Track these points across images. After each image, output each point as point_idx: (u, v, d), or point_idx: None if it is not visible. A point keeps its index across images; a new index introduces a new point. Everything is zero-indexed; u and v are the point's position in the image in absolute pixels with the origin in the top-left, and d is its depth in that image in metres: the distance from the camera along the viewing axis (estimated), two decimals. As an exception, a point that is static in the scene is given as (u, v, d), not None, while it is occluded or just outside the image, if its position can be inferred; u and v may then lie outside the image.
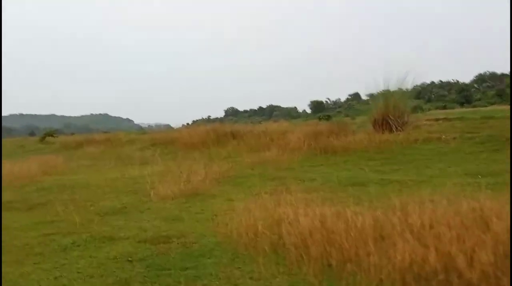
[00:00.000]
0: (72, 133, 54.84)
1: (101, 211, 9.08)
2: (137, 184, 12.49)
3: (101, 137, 26.68)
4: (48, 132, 34.32)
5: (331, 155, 15.43)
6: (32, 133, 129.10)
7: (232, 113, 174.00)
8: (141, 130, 47.15)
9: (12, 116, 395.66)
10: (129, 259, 5.76)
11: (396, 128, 17.85)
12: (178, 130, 26.27)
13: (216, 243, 6.13)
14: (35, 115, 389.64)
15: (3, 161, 16.27)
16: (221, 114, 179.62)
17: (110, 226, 7.72)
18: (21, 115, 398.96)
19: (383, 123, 18.19)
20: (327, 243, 5.06)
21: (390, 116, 18.15)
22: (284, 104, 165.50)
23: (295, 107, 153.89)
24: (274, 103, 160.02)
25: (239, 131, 20.20)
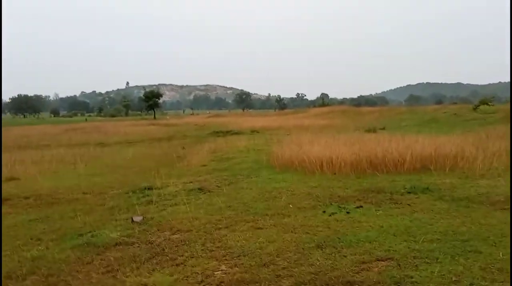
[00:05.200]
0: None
1: None
2: None
3: None
4: (482, 101, 30.26)
5: None
6: (439, 102, 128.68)
7: None
8: None
9: (420, 84, 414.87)
10: None
11: None
12: None
13: None
14: (442, 83, 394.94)
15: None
16: None
17: None
18: (428, 84, 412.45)
19: None
20: None
21: None
22: None
23: None
24: None
25: None
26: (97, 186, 10.67)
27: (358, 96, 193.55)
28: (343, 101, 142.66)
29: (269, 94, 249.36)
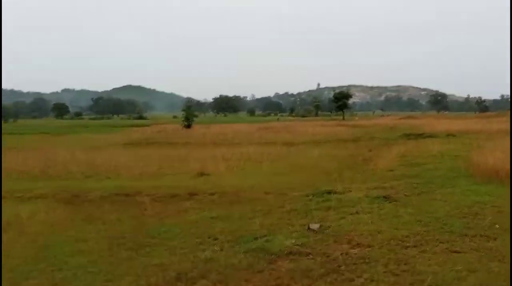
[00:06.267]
0: None
1: None
2: None
3: None
4: None
5: None
6: None
7: None
8: None
9: None
10: None
11: None
12: None
13: None
14: None
15: None
16: None
17: None
18: None
19: None
20: None
21: None
22: None
23: None
24: None
25: None
26: (279, 186, 10.54)
27: None
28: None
29: (468, 95, 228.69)
